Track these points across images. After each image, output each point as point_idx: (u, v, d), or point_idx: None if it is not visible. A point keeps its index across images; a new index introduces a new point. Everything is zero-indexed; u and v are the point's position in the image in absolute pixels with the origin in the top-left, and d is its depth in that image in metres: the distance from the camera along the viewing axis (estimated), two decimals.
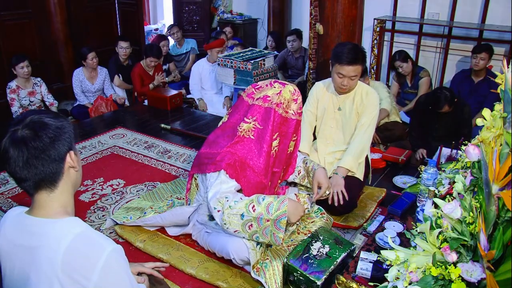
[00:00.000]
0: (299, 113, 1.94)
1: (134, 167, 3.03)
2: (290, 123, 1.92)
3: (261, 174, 1.89)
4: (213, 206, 1.81)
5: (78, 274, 1.02)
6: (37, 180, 1.07)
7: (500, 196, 1.05)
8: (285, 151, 1.97)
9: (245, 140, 1.89)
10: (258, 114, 1.89)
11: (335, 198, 2.28)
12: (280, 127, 1.90)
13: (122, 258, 1.10)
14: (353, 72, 2.34)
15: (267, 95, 1.89)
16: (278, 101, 1.87)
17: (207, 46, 4.52)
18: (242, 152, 1.88)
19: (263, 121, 1.88)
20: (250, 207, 1.75)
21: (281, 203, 1.74)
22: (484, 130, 1.25)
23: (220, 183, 1.83)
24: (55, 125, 1.08)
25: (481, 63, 3.82)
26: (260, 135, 1.88)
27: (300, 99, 1.94)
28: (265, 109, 1.88)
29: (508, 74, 1.12)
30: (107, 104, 4.42)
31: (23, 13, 4.66)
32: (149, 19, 8.62)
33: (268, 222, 1.72)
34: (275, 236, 1.74)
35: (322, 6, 3.27)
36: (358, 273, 1.74)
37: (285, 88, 1.90)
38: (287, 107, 1.89)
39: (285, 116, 1.90)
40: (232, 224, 1.77)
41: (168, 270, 1.96)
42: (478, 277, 1.08)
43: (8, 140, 1.04)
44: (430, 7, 4.85)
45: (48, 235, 1.05)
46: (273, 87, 1.91)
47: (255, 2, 6.82)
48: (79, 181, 1.19)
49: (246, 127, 1.89)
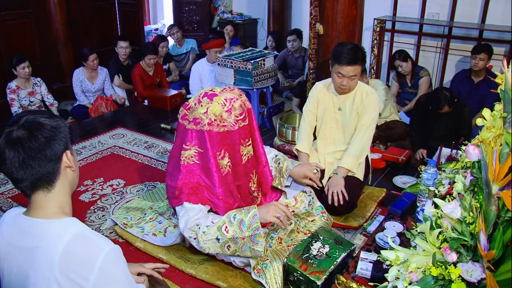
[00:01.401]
0: (240, 120, 1.79)
1: (134, 167, 3.03)
2: (232, 134, 1.79)
3: (221, 196, 1.84)
4: (187, 236, 1.81)
5: (76, 275, 1.01)
6: (33, 180, 1.06)
7: (500, 196, 1.05)
8: (239, 162, 1.88)
9: (191, 167, 1.81)
10: (195, 139, 1.79)
11: (335, 198, 2.28)
12: (222, 143, 1.79)
13: (120, 258, 1.10)
14: (352, 72, 2.34)
15: (196, 117, 1.77)
16: (208, 120, 1.75)
17: (206, 45, 4.52)
18: (195, 179, 1.82)
19: (201, 145, 1.79)
20: (223, 229, 1.74)
21: (252, 219, 1.73)
22: (484, 130, 1.25)
23: (186, 212, 1.81)
24: (50, 124, 1.07)
25: (481, 63, 3.82)
26: (203, 158, 1.80)
27: (236, 105, 1.78)
28: (198, 132, 1.78)
29: (508, 74, 1.12)
30: (107, 104, 4.42)
31: (23, 13, 4.67)
32: (149, 19, 8.62)
33: (244, 240, 1.73)
34: (255, 251, 1.74)
35: (322, 6, 3.27)
36: (358, 273, 1.74)
37: (213, 103, 1.76)
38: (221, 121, 1.76)
39: (223, 131, 1.77)
40: (211, 248, 1.77)
41: (168, 270, 1.96)
42: (478, 277, 1.08)
43: (3, 141, 1.04)
44: (430, 7, 4.85)
45: (45, 236, 1.05)
46: (201, 105, 1.78)
47: (255, 2, 6.82)
48: (76, 181, 1.19)
49: (187, 154, 1.81)
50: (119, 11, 5.99)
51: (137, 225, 2.24)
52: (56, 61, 5.11)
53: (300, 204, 2.14)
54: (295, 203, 2.13)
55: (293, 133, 3.19)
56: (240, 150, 1.85)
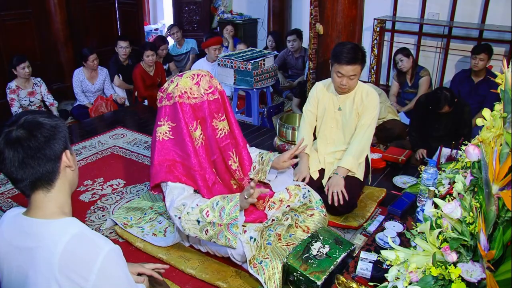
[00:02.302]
0: (210, 93, 1.91)
1: (134, 167, 3.03)
2: (202, 106, 1.90)
3: (196, 166, 1.89)
4: (173, 215, 1.85)
5: (76, 275, 1.01)
6: (33, 180, 1.06)
7: (500, 196, 1.05)
8: (213, 136, 1.96)
9: (166, 143, 1.90)
10: (167, 114, 1.90)
11: (335, 198, 2.28)
12: (194, 115, 1.89)
13: (119, 258, 1.10)
14: (352, 72, 2.34)
15: (169, 93, 1.90)
16: (179, 92, 1.87)
17: (204, 44, 4.53)
18: (169, 155, 1.90)
19: (174, 118, 1.89)
20: (204, 213, 1.78)
21: (233, 208, 1.76)
22: (484, 130, 1.25)
23: (170, 191, 1.86)
24: (49, 124, 1.08)
25: (481, 63, 3.82)
26: (177, 132, 1.89)
27: (205, 80, 1.91)
28: (171, 106, 1.89)
29: (508, 74, 1.12)
30: (107, 104, 4.42)
31: (23, 13, 4.67)
32: (149, 19, 8.62)
33: (221, 226, 1.76)
34: (229, 241, 1.77)
35: (322, 6, 3.27)
36: (358, 273, 1.74)
37: (182, 78, 1.90)
38: (191, 93, 1.88)
39: (194, 102, 1.88)
40: (191, 230, 1.81)
41: (168, 270, 1.96)
42: (478, 277, 1.08)
43: (2, 140, 1.04)
44: (430, 7, 4.85)
45: (45, 236, 1.05)
46: (172, 82, 1.92)
47: (255, 2, 6.82)
48: (75, 181, 1.19)
49: (162, 130, 1.90)
50: (119, 11, 5.99)
51: (137, 225, 2.24)
52: (56, 61, 5.11)
53: (295, 198, 2.14)
54: (289, 197, 2.14)
55: (293, 133, 3.19)
56: (214, 123, 1.94)
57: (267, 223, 2.01)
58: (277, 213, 2.05)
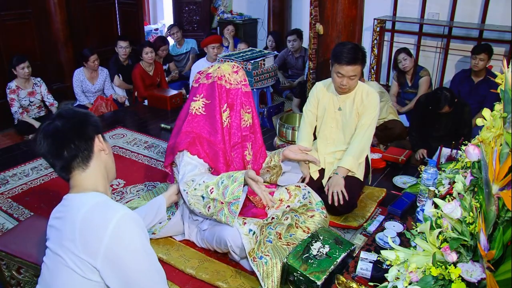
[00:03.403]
0: (244, 84, 2.04)
1: (134, 167, 3.03)
2: (234, 93, 2.01)
3: (221, 145, 1.99)
4: (182, 188, 1.90)
5: (92, 237, 1.09)
6: (70, 158, 1.19)
7: (500, 196, 1.05)
8: (237, 122, 2.04)
9: (198, 117, 2.00)
10: (204, 91, 2.01)
11: (335, 198, 2.28)
12: (226, 98, 2.00)
13: (135, 222, 1.14)
14: (352, 72, 2.34)
15: (209, 73, 2.03)
16: (219, 74, 2.00)
17: (203, 42, 4.54)
18: (198, 129, 1.98)
19: (209, 96, 2.00)
20: (209, 190, 1.82)
21: (237, 187, 1.79)
22: (484, 130, 1.25)
23: (184, 165, 1.92)
24: (83, 112, 1.26)
25: (481, 64, 3.82)
26: (210, 109, 1.99)
27: (241, 72, 2.05)
28: (209, 85, 2.01)
29: (508, 74, 1.12)
30: (107, 104, 4.42)
31: (23, 13, 4.66)
32: (149, 19, 8.62)
33: (222, 204, 1.80)
34: (227, 219, 1.80)
35: (322, 6, 3.27)
36: (358, 273, 1.74)
37: (224, 63, 2.05)
38: (229, 78, 2.01)
39: (228, 87, 2.00)
40: (196, 205, 1.85)
41: (168, 270, 1.96)
42: (478, 277, 1.08)
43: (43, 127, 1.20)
44: (430, 7, 4.85)
45: (73, 206, 1.17)
46: (213, 65, 2.07)
47: (255, 2, 6.82)
48: (111, 166, 1.33)
49: (196, 105, 2.00)
50: (119, 11, 5.99)
51: None
52: (56, 61, 5.11)
53: (295, 198, 2.15)
54: (289, 198, 2.15)
55: (293, 133, 3.19)
56: (241, 112, 2.04)
57: (267, 220, 2.01)
58: (277, 212, 2.06)
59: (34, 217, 2.01)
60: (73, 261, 1.10)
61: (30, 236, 1.75)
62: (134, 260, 1.12)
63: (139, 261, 1.13)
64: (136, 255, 1.12)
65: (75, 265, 1.10)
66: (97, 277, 1.11)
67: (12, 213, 2.46)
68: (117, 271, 1.10)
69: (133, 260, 1.11)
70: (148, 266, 1.15)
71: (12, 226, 2.27)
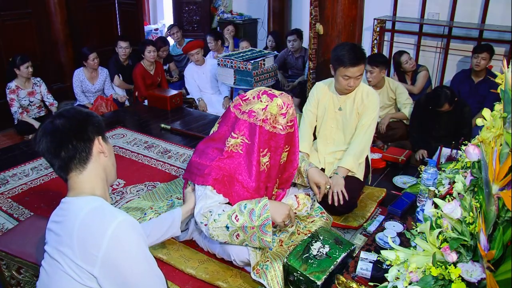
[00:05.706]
0: (289, 126, 1.84)
1: (134, 167, 3.03)
2: (278, 138, 1.83)
3: (251, 190, 1.86)
4: (199, 221, 1.81)
5: (90, 242, 1.07)
6: (68, 158, 1.17)
7: (500, 196, 1.05)
8: (276, 165, 1.91)
9: (234, 155, 1.85)
10: (245, 129, 1.82)
11: (335, 198, 2.28)
12: (268, 142, 1.83)
13: (133, 228, 1.12)
14: (358, 72, 2.36)
15: (253, 110, 1.81)
16: (264, 116, 1.79)
17: (184, 50, 4.55)
18: (231, 167, 1.84)
19: (250, 136, 1.82)
20: (233, 218, 1.74)
21: (262, 209, 1.74)
22: (484, 130, 1.25)
23: (205, 198, 1.81)
24: (85, 112, 1.24)
25: (482, 63, 3.81)
26: (248, 150, 1.83)
27: (290, 111, 1.83)
28: (250, 125, 1.81)
29: (508, 74, 1.12)
30: (107, 104, 4.42)
31: (23, 13, 4.66)
32: (149, 19, 8.62)
33: (253, 229, 1.73)
34: (263, 241, 1.75)
35: (322, 6, 3.27)
36: (358, 273, 1.74)
37: (272, 103, 1.80)
38: (274, 122, 1.81)
39: (272, 131, 1.81)
40: (220, 236, 1.77)
41: (168, 270, 1.97)
42: (478, 277, 1.08)
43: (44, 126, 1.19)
44: (430, 7, 4.85)
45: (70, 210, 1.15)
46: (260, 101, 1.82)
47: (255, 2, 6.82)
48: (111, 170, 1.29)
49: (234, 142, 1.84)
50: (119, 11, 5.99)
51: None
52: (56, 61, 5.11)
53: (303, 207, 2.13)
54: (298, 206, 2.13)
55: None
56: (281, 154, 1.90)
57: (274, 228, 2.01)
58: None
59: (34, 217, 2.00)
60: (70, 267, 1.09)
61: (30, 236, 1.74)
62: (133, 267, 1.11)
63: (138, 267, 1.12)
64: (135, 261, 1.11)
65: (73, 272, 1.09)
66: (95, 284, 1.10)
67: (12, 213, 2.46)
68: (116, 278, 1.09)
69: (132, 266, 1.11)
70: (148, 272, 1.15)
71: (12, 226, 2.27)
